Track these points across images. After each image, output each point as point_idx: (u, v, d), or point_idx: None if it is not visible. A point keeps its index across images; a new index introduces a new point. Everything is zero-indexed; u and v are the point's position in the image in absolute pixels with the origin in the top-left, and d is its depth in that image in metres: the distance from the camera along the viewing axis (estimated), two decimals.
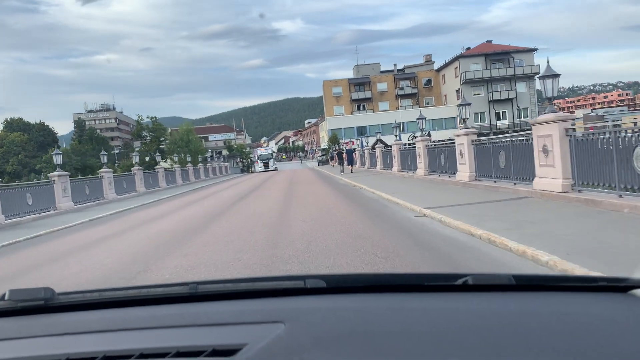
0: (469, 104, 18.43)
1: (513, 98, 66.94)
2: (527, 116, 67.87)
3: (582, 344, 1.00)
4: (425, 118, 29.45)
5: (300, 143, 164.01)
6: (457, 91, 69.06)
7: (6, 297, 1.29)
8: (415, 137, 71.31)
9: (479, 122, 67.64)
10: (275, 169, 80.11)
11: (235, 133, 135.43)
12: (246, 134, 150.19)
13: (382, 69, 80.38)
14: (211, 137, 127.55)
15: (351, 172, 36.24)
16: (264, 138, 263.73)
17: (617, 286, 1.23)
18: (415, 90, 75.68)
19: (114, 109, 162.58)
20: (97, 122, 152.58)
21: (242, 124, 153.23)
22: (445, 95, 74.76)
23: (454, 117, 71.01)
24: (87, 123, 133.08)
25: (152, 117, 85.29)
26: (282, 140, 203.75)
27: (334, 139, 67.33)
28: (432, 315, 1.15)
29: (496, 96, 66.74)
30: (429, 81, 76.76)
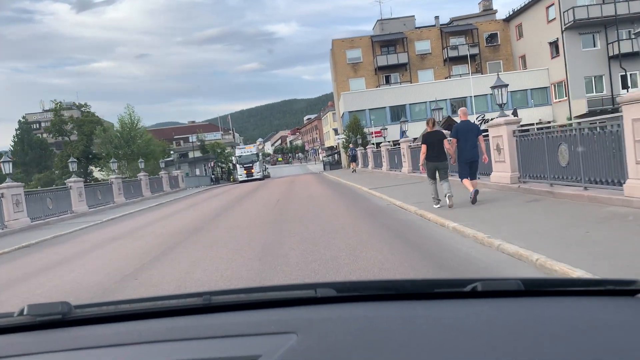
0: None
1: None
2: None
3: (592, 350, 1.01)
4: None
5: (299, 142, 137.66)
6: (553, 44, 42.62)
7: (25, 312, 1.31)
8: (485, 119, 44.49)
9: (593, 93, 41.22)
10: (264, 177, 53.75)
11: (222, 132, 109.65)
12: (236, 134, 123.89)
13: (417, 26, 53.99)
14: (193, 137, 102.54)
15: (473, 203, 9.57)
16: (260, 139, 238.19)
17: (626, 290, 1.24)
18: (475, 50, 49.14)
19: (78, 107, 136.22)
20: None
21: (228, 121, 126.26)
22: (523, 57, 48.28)
23: (546, 87, 44.61)
24: (42, 125, 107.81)
25: (82, 105, 59.17)
26: (279, 141, 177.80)
27: (354, 126, 40.87)
28: (442, 322, 1.17)
29: (622, 48, 40.18)
30: (492, 37, 50.36)
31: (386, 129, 25.33)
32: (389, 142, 26.16)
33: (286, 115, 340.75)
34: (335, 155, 75.90)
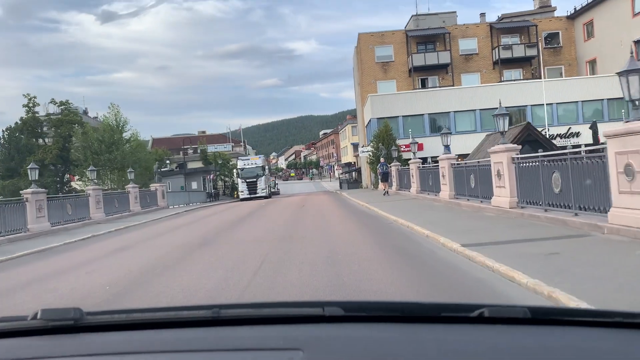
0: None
1: None
2: None
3: None
4: None
5: (313, 157, 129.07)
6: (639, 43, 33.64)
7: (38, 316, 1.31)
8: (573, 133, 32.15)
9: None
10: (271, 195, 45.26)
11: (232, 144, 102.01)
12: (249, 147, 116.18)
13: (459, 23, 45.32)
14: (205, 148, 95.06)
15: None
16: (274, 154, 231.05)
17: (633, 322, 1.23)
18: (533, 52, 40.29)
19: (84, 112, 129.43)
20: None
21: (240, 133, 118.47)
22: (592, 61, 39.32)
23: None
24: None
25: (61, 103, 51.14)
26: (293, 156, 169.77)
27: (384, 136, 32.12)
28: (448, 347, 1.17)
29: None
30: (552, 37, 41.55)
31: (449, 132, 16.41)
32: (457, 156, 17.28)
33: (302, 131, 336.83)
34: (354, 172, 67.26)
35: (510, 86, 36.40)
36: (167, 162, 56.97)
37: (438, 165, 16.54)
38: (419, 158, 24.75)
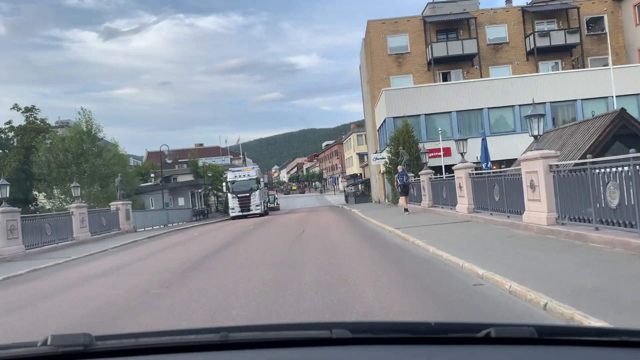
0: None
1: None
2: None
3: None
4: None
5: (316, 170, 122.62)
6: None
7: (48, 342, 1.31)
8: None
9: None
10: (267, 212, 38.97)
11: (231, 157, 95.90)
12: (248, 159, 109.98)
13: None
14: (203, 161, 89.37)
15: None
16: (275, 167, 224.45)
17: (638, 341, 1.22)
18: (575, 39, 34.05)
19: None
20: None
21: (238, 144, 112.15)
22: None
23: None
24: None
25: (27, 109, 44.84)
26: (295, 169, 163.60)
27: (404, 137, 25.75)
28: None
29: None
30: (594, 22, 35.32)
31: (542, 115, 10.49)
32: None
33: (304, 144, 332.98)
34: (360, 185, 61.03)
35: (554, 77, 30.09)
36: (152, 175, 50.70)
37: (520, 170, 10.11)
38: (464, 166, 18.37)
